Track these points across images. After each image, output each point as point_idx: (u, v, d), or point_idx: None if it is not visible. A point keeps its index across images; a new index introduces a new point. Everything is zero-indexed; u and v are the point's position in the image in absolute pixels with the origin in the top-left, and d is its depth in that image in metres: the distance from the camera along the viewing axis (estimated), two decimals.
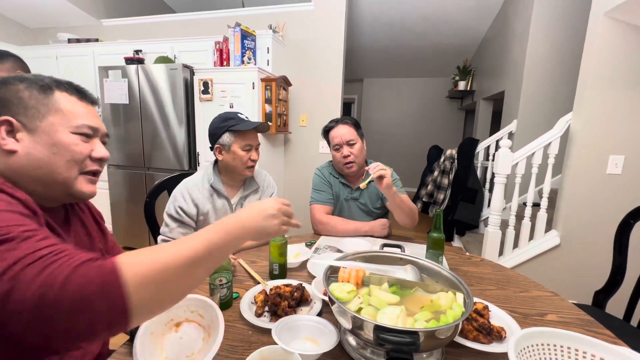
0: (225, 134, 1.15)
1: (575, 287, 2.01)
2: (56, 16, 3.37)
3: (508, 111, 3.20)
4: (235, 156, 1.16)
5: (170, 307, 0.48)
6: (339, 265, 0.76)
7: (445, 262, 1.11)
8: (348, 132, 1.39)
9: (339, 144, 1.40)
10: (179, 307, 0.66)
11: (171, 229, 1.15)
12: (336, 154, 1.42)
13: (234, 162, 1.17)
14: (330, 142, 1.45)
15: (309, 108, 3.00)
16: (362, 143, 1.43)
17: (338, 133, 1.40)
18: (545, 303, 0.88)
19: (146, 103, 2.57)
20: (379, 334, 0.53)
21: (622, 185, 1.86)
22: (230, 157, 1.16)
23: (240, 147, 1.16)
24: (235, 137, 1.15)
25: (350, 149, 1.38)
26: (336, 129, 1.42)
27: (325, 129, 1.48)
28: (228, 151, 1.16)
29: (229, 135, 1.15)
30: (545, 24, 2.74)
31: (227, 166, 1.19)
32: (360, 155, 1.41)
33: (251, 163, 1.20)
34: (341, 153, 1.40)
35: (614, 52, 1.76)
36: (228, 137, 1.15)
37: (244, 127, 1.15)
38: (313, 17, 2.85)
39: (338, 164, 1.44)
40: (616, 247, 1.22)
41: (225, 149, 1.16)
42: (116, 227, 2.88)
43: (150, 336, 0.62)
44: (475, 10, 3.62)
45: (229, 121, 1.16)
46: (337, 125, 1.42)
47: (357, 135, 1.41)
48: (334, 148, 1.43)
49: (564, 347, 0.59)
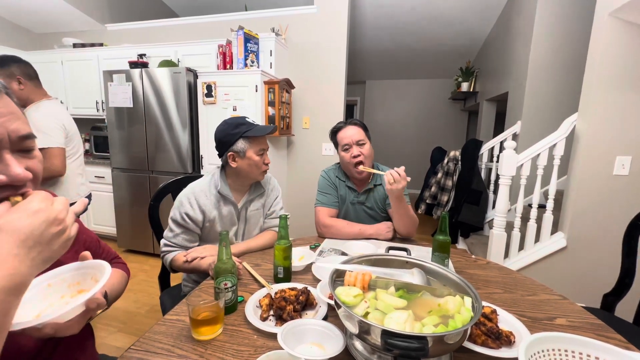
0: (239, 141, 1.12)
1: (583, 290, 1.99)
2: (61, 21, 3.41)
3: (512, 112, 3.18)
4: (251, 162, 1.14)
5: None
6: (345, 269, 0.75)
7: (451, 265, 1.10)
8: (357, 133, 1.38)
9: (348, 144, 1.38)
10: (87, 275, 0.59)
11: (175, 234, 1.14)
12: (345, 155, 1.40)
13: (249, 168, 1.15)
14: (339, 143, 1.43)
15: (311, 110, 3.00)
16: (371, 146, 1.42)
17: (347, 134, 1.39)
18: (554, 307, 0.87)
19: (150, 106, 2.59)
20: (387, 339, 0.52)
21: (630, 186, 1.83)
22: (245, 164, 1.15)
23: (255, 153, 1.14)
24: (249, 143, 1.13)
25: (360, 149, 1.37)
26: (345, 130, 1.41)
27: (333, 130, 1.47)
28: (243, 157, 1.14)
29: (243, 141, 1.13)
30: (548, 24, 2.73)
31: (240, 172, 1.17)
32: (369, 157, 1.40)
33: (265, 167, 1.19)
34: (351, 153, 1.38)
35: (619, 52, 1.75)
36: (242, 144, 1.13)
37: (259, 133, 1.13)
38: (316, 20, 2.86)
39: (347, 165, 1.41)
40: (624, 250, 1.20)
41: (239, 155, 1.14)
42: (120, 231, 2.89)
43: (46, 287, 0.57)
44: (478, 12, 3.61)
45: (241, 127, 1.13)
46: (346, 127, 1.41)
47: (366, 136, 1.41)
48: (342, 149, 1.41)
49: (575, 353, 0.57)
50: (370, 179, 1.46)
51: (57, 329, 0.52)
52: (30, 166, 0.50)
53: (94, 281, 0.58)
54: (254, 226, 1.28)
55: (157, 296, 1.39)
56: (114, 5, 3.59)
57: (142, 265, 2.68)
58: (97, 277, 0.58)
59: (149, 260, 2.77)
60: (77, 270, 0.60)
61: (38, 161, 0.52)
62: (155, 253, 2.81)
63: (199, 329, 0.70)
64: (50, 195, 0.47)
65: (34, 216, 0.42)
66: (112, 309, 2.03)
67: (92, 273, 0.59)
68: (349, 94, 4.13)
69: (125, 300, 2.12)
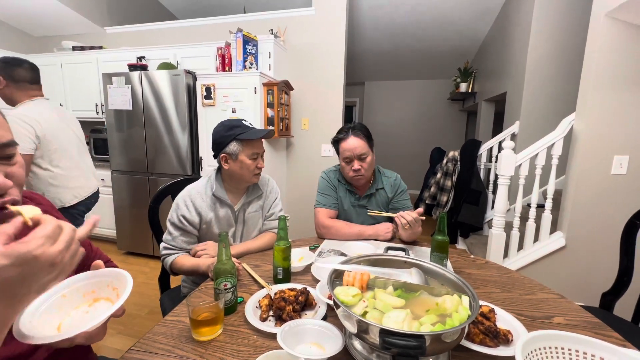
0: (232, 143, 1.12)
1: (582, 289, 1.99)
2: (61, 24, 3.42)
3: (510, 112, 3.19)
4: (243, 165, 1.14)
5: None
6: (344, 269, 0.75)
7: (450, 265, 1.10)
8: (360, 146, 1.33)
9: (349, 157, 1.35)
10: (103, 283, 0.60)
11: (174, 237, 1.14)
12: (346, 166, 1.37)
13: (241, 171, 1.15)
14: (340, 154, 1.38)
15: (310, 112, 3.01)
16: (373, 154, 1.38)
17: (350, 146, 1.34)
18: (551, 305, 0.87)
19: (149, 109, 2.59)
20: (385, 337, 0.53)
21: (628, 185, 1.84)
22: (237, 166, 1.14)
23: (248, 156, 1.14)
24: (242, 146, 1.13)
25: (361, 163, 1.34)
26: (347, 142, 1.34)
27: (335, 139, 1.41)
28: (235, 160, 1.13)
29: (236, 144, 1.12)
30: (546, 24, 2.74)
31: (233, 174, 1.17)
32: (370, 168, 1.37)
33: (258, 171, 1.18)
34: (351, 166, 1.35)
35: (616, 52, 1.76)
36: (235, 146, 1.12)
37: (252, 136, 1.13)
38: (314, 21, 2.87)
39: (346, 175, 1.40)
40: (622, 249, 1.21)
41: (232, 158, 1.13)
42: (120, 233, 2.89)
43: (60, 298, 0.57)
44: (476, 12, 3.63)
45: (235, 129, 1.13)
46: (349, 137, 1.35)
47: (369, 148, 1.36)
48: (344, 160, 1.37)
49: (572, 350, 0.58)
50: (372, 184, 1.45)
51: (88, 337, 0.56)
52: (10, 172, 0.50)
53: (111, 288, 0.60)
54: (253, 228, 1.28)
55: (157, 298, 1.39)
56: (114, 8, 3.60)
57: (142, 267, 2.68)
58: (114, 284, 0.59)
59: (149, 262, 2.77)
60: (91, 279, 0.60)
61: (19, 166, 0.52)
62: (155, 255, 2.82)
63: (199, 329, 0.71)
64: (56, 231, 0.42)
65: (25, 265, 0.38)
66: None
67: (109, 281, 0.60)
68: (348, 95, 4.14)
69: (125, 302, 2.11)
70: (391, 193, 1.44)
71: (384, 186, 1.45)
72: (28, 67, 1.63)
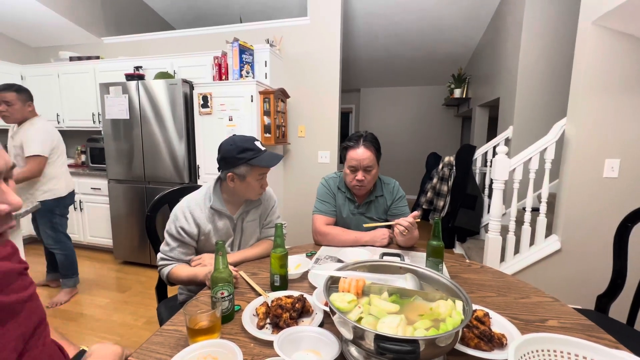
0: (242, 166, 1.10)
1: (578, 292, 2.00)
2: (57, 35, 3.44)
3: (504, 117, 3.24)
4: (249, 186, 1.14)
5: None
6: (339, 276, 0.76)
7: (446, 270, 1.11)
8: (368, 158, 1.31)
9: (355, 167, 1.34)
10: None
11: (171, 248, 1.14)
12: (350, 174, 1.37)
13: (245, 190, 1.15)
14: (347, 161, 1.37)
15: (307, 119, 3.03)
16: (378, 167, 1.37)
17: (358, 156, 1.32)
18: (546, 309, 0.88)
19: (146, 118, 2.61)
20: (380, 343, 0.54)
21: (619, 188, 1.87)
22: (243, 187, 1.14)
23: (255, 178, 1.14)
24: (252, 170, 1.12)
25: (365, 175, 1.34)
26: (356, 151, 1.32)
27: (344, 145, 1.39)
28: (242, 181, 1.13)
29: (246, 167, 1.11)
30: (536, 31, 2.80)
31: (236, 192, 1.17)
32: (372, 180, 1.38)
33: (262, 190, 1.19)
34: (355, 176, 1.34)
35: (603, 58, 1.80)
36: (245, 169, 1.11)
37: (265, 164, 1.12)
38: (309, 30, 2.92)
39: (348, 182, 1.40)
40: (615, 251, 1.22)
41: (239, 178, 1.13)
42: (116, 242, 2.88)
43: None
44: (468, 20, 3.70)
45: (248, 152, 1.10)
46: (359, 147, 1.32)
47: (376, 161, 1.35)
48: (349, 168, 1.36)
49: (564, 353, 0.59)
50: (371, 192, 1.46)
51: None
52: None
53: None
54: (250, 237, 1.27)
55: (154, 308, 1.39)
56: (111, 18, 3.64)
57: (139, 277, 2.66)
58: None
59: (146, 271, 2.75)
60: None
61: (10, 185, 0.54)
62: (152, 264, 2.80)
63: (196, 338, 0.71)
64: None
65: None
66: (108, 321, 2.02)
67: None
68: (343, 102, 4.18)
69: (122, 312, 2.10)
70: (390, 200, 1.46)
71: (384, 193, 1.46)
72: (13, 91, 2.00)
